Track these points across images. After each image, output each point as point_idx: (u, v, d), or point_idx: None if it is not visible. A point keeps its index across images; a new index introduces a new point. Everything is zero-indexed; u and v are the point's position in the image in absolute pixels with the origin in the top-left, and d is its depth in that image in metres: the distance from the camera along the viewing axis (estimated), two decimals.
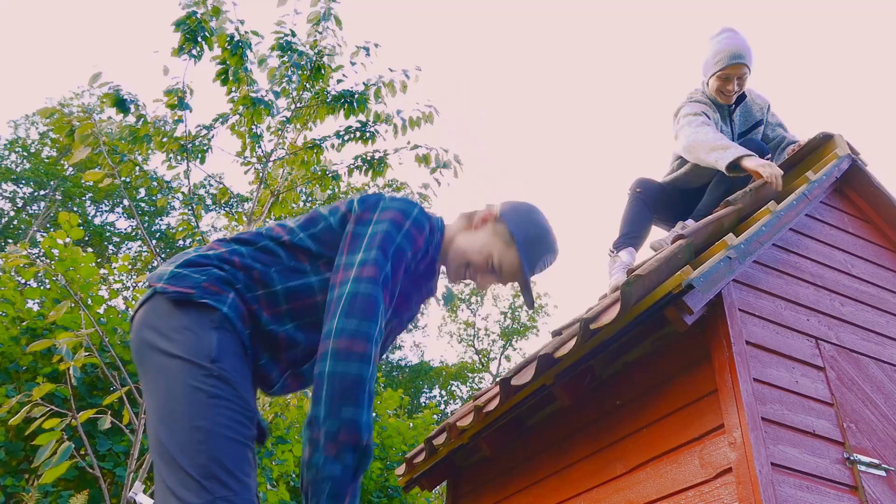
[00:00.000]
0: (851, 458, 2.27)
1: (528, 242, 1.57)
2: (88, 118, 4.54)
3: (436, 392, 23.99)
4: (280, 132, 5.46)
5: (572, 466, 2.81)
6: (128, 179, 5.06)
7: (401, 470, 3.81)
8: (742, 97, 3.40)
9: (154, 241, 16.60)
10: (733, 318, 2.35)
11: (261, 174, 5.33)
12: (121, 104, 4.74)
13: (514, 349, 24.07)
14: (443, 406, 23.07)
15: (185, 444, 1.18)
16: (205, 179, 16.01)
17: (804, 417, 2.29)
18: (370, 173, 5.58)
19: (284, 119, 5.41)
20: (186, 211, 5.34)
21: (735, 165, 2.92)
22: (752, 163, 2.88)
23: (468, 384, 23.57)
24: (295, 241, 1.45)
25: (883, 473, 2.31)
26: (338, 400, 1.20)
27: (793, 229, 2.93)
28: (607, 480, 2.58)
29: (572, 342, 2.46)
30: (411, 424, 11.75)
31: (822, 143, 3.23)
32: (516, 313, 24.06)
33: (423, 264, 1.56)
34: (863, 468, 2.27)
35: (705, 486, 2.16)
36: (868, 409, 2.48)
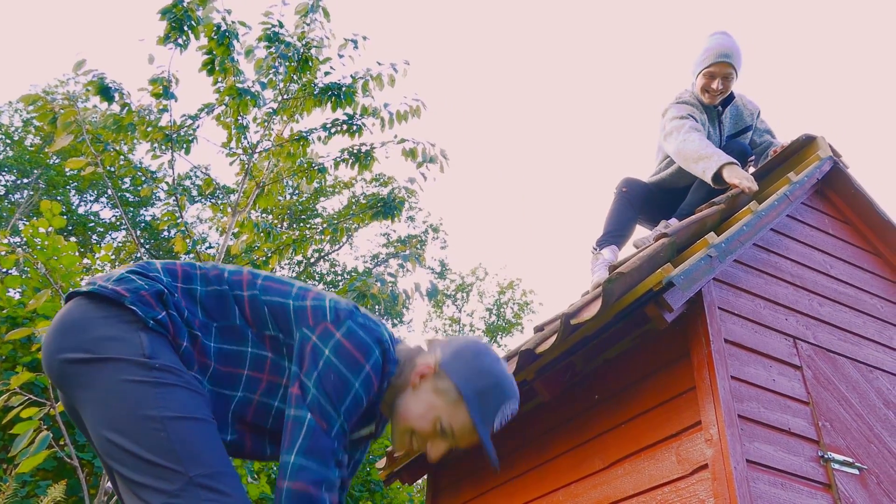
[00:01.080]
0: (825, 456, 2.30)
1: (480, 395, 1.32)
2: (71, 106, 4.49)
3: None
4: (266, 124, 5.42)
5: (551, 461, 2.83)
6: (112, 168, 5.01)
7: (382, 464, 3.81)
8: (729, 100, 3.41)
9: (138, 232, 16.45)
10: (713, 316, 2.37)
11: (246, 166, 5.29)
12: (105, 92, 4.69)
13: (499, 346, 24.11)
14: None
15: (143, 436, 1.11)
16: (190, 170, 15.86)
17: (780, 415, 2.31)
18: (356, 166, 5.57)
19: (271, 110, 5.38)
20: (171, 202, 5.29)
21: (718, 177, 2.95)
22: (731, 175, 2.90)
23: None
24: (253, 303, 1.33)
25: (856, 472, 2.34)
26: None
27: (773, 229, 2.95)
28: (586, 475, 2.60)
29: (553, 338, 2.47)
30: None
31: (805, 145, 3.26)
32: (502, 310, 24.11)
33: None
34: (836, 466, 2.30)
35: (681, 482, 2.18)
36: (843, 408, 2.51)
